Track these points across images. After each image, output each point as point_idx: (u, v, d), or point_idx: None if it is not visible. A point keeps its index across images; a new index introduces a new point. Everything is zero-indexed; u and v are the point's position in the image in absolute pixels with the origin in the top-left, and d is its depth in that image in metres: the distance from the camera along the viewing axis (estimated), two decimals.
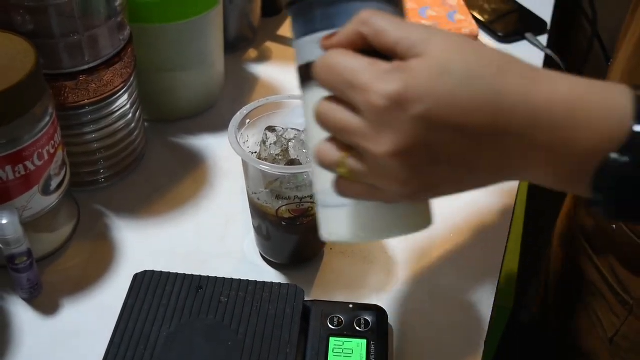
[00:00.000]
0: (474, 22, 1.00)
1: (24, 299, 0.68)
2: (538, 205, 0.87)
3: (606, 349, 0.76)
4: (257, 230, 0.69)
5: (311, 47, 0.47)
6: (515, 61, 0.42)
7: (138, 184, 0.80)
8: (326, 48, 0.45)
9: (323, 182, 0.49)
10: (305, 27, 0.48)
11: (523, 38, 1.03)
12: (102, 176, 0.78)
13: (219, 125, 0.87)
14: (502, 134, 0.40)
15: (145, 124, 0.85)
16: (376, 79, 0.41)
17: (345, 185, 0.46)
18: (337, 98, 0.44)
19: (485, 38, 1.03)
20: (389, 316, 0.64)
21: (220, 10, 0.84)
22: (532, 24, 1.04)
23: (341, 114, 0.43)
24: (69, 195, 0.72)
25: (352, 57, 0.44)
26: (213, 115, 0.89)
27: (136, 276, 0.65)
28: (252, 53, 0.99)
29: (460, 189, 0.45)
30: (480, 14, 1.05)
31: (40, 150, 0.64)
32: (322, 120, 0.45)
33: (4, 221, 0.61)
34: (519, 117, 0.40)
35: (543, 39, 1.03)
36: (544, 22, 1.05)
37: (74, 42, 0.68)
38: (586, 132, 0.40)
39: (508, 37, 1.02)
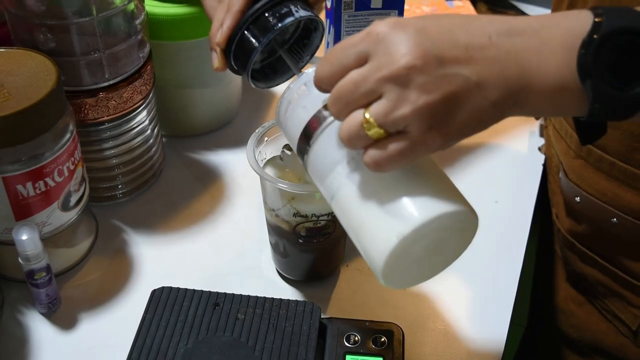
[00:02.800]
0: (472, 7, 1.00)
1: (43, 314, 0.68)
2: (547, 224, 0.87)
3: (632, 342, 0.76)
4: (274, 247, 0.69)
5: (304, 111, 0.51)
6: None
7: (156, 200, 0.80)
8: (320, 68, 0.48)
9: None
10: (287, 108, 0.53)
11: None
12: (120, 191, 0.79)
13: (236, 141, 0.88)
14: (485, 43, 0.44)
15: (164, 139, 0.86)
16: (370, 28, 0.45)
17: (375, 153, 0.45)
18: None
19: None
20: (405, 334, 0.64)
21: None
22: None
23: (353, 73, 0.45)
24: (87, 210, 0.72)
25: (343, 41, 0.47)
26: (230, 131, 0.89)
27: (154, 292, 0.65)
28: None
29: (479, 118, 0.45)
30: None
31: (60, 167, 0.64)
32: (337, 97, 0.46)
33: (24, 237, 0.62)
34: (494, 29, 0.44)
35: None
36: None
37: (94, 60, 0.69)
38: (554, 28, 0.44)
39: None
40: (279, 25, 0.55)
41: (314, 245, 0.67)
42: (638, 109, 0.44)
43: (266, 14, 0.55)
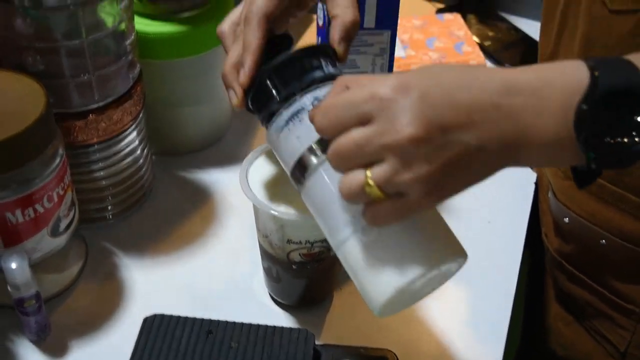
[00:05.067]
0: (481, 54, 1.00)
1: (32, 341, 0.67)
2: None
3: None
4: (267, 272, 0.68)
5: (298, 141, 0.51)
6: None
7: (146, 221, 0.79)
8: (314, 114, 0.48)
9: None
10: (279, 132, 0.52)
11: None
12: (110, 212, 0.77)
13: (227, 159, 0.87)
14: (486, 105, 0.44)
15: (153, 157, 0.84)
16: (373, 86, 0.45)
17: (373, 210, 0.47)
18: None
19: None
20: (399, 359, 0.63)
21: None
22: None
23: (355, 133, 0.45)
24: (77, 234, 0.71)
25: (343, 92, 0.47)
26: (221, 148, 0.88)
27: (146, 320, 0.64)
28: None
29: (476, 176, 0.46)
30: (487, 44, 1.05)
31: (50, 193, 0.63)
32: (339, 154, 0.46)
33: (13, 265, 0.60)
34: (495, 88, 0.44)
35: None
36: None
37: (84, 82, 0.67)
38: (553, 88, 0.44)
39: None
40: (305, 80, 0.52)
41: (307, 271, 0.66)
42: (635, 159, 0.44)
43: (297, 64, 0.52)
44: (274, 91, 0.52)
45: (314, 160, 0.50)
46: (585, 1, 0.66)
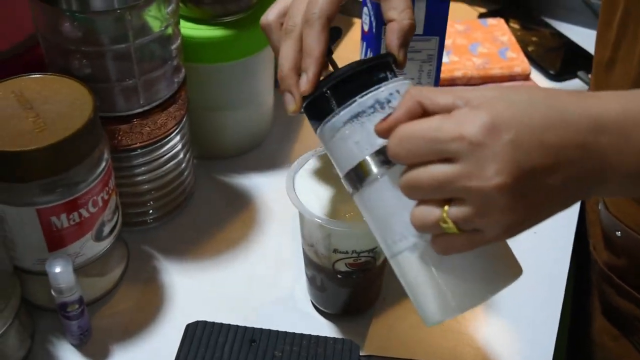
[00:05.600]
0: (525, 60, 0.98)
1: (74, 345, 0.66)
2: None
3: None
4: (311, 280, 0.67)
5: (357, 147, 0.49)
6: (552, 89, 0.47)
7: (186, 225, 0.79)
8: (386, 130, 0.46)
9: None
10: (335, 134, 0.50)
11: (575, 76, 1.00)
12: (151, 217, 0.77)
13: (267, 164, 0.86)
14: (573, 145, 0.43)
15: (194, 161, 0.84)
16: (461, 123, 0.43)
17: (445, 242, 0.46)
18: (418, 164, 0.45)
19: (536, 76, 1.00)
20: None
21: (270, 50, 0.83)
22: (584, 61, 1.01)
23: (435, 170, 0.44)
24: (119, 237, 0.71)
25: (423, 120, 0.45)
26: (261, 153, 0.88)
27: (188, 327, 0.63)
28: None
29: (553, 211, 0.45)
30: (529, 49, 1.03)
31: (95, 197, 0.63)
32: (415, 186, 0.45)
33: (57, 270, 0.60)
34: (583, 127, 0.43)
35: None
36: None
37: (129, 86, 0.67)
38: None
39: (560, 75, 1.00)
40: (367, 93, 0.49)
41: (353, 280, 0.65)
42: None
43: (361, 77, 0.50)
44: (333, 101, 0.50)
45: (374, 170, 0.48)
46: None
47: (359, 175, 0.49)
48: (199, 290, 0.72)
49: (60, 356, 0.66)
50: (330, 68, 0.55)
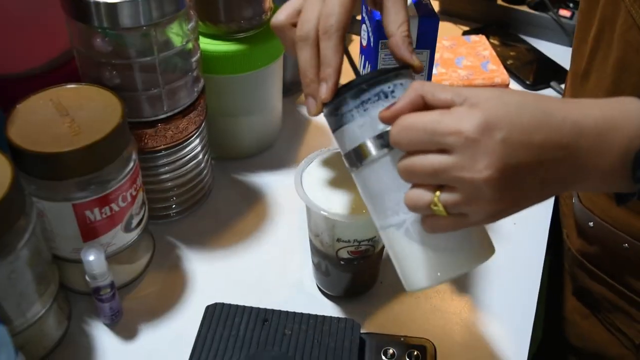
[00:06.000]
0: (505, 71, 0.96)
1: (106, 324, 0.65)
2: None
3: (634, 354, 0.72)
4: (316, 266, 0.66)
5: (360, 130, 0.47)
6: (539, 94, 0.46)
7: (206, 218, 0.77)
8: (389, 118, 0.45)
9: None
10: (342, 119, 0.49)
11: (548, 86, 0.99)
12: (174, 210, 0.76)
13: (277, 164, 0.85)
14: (557, 146, 0.42)
15: (213, 162, 0.83)
16: (459, 120, 0.42)
17: (433, 222, 0.45)
18: (416, 152, 0.44)
19: (514, 85, 0.99)
20: (437, 350, 0.60)
21: (281, 61, 0.82)
22: (555, 72, 1.00)
23: (432, 159, 0.43)
24: (145, 229, 0.70)
25: (424, 113, 0.44)
26: (272, 154, 0.86)
27: (208, 308, 0.62)
28: None
29: (533, 202, 0.45)
30: (508, 62, 1.02)
31: (124, 193, 0.62)
32: (411, 171, 0.44)
33: (91, 258, 0.59)
34: (567, 130, 0.42)
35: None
36: (565, 71, 1.01)
37: (154, 95, 0.66)
38: (617, 132, 0.43)
39: (535, 85, 0.98)
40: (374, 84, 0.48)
41: (354, 266, 0.63)
42: None
43: (377, 87, 0.47)
44: (351, 103, 0.48)
45: (373, 151, 0.47)
46: (620, 27, 0.62)
47: (359, 155, 0.48)
48: (217, 276, 0.71)
49: (94, 334, 0.65)
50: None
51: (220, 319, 0.61)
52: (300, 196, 0.59)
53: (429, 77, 0.74)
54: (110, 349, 0.63)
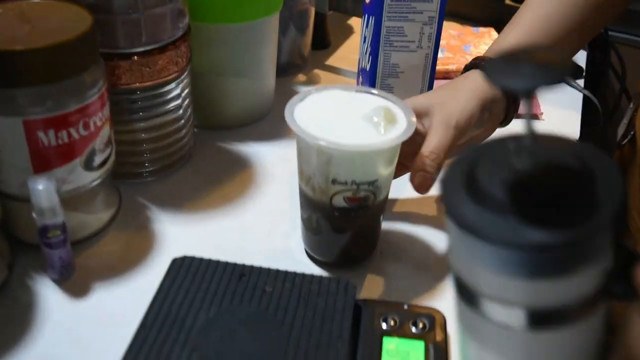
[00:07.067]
0: (496, 33, 0.89)
1: (54, 280, 0.55)
2: None
3: None
4: (306, 223, 0.56)
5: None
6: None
7: (183, 182, 0.68)
8: None
9: None
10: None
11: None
12: (147, 169, 0.66)
13: (269, 136, 0.76)
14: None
15: (195, 129, 0.74)
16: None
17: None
18: None
19: None
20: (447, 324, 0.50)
21: (276, 21, 0.74)
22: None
23: None
24: (111, 181, 0.60)
25: None
26: (263, 126, 0.77)
27: (175, 260, 0.52)
28: (302, 77, 0.89)
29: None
30: None
31: (86, 119, 0.52)
32: None
33: (40, 187, 0.49)
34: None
35: (580, 83, 0.92)
36: (580, 67, 0.94)
37: (132, 20, 0.58)
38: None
39: None
40: None
41: (350, 221, 0.54)
42: None
43: None
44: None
45: None
46: None
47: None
48: (191, 239, 0.61)
49: (38, 290, 0.54)
50: None
51: (189, 273, 0.51)
52: (290, 125, 0.50)
53: (439, 31, 0.66)
54: (55, 307, 0.53)
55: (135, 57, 0.59)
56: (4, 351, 0.49)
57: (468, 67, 0.61)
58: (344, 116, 0.53)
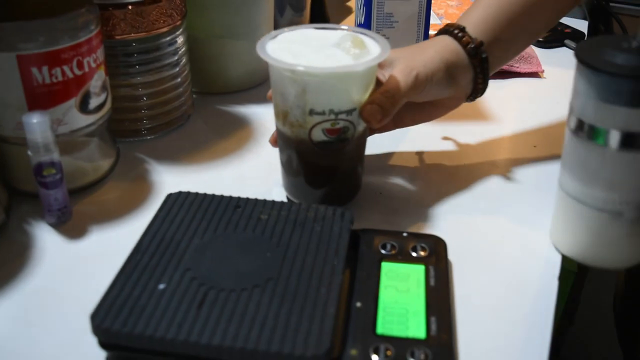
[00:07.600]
0: None
1: (51, 224, 0.54)
2: None
3: None
4: (286, 165, 0.55)
5: None
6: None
7: (182, 139, 0.68)
8: None
9: None
10: None
11: (562, 44, 0.91)
12: (145, 126, 0.66)
13: (267, 101, 0.75)
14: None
15: (194, 95, 0.74)
16: None
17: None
18: None
19: None
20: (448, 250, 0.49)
21: None
22: (570, 33, 0.93)
23: None
24: (109, 133, 0.60)
25: None
26: (262, 91, 0.77)
27: (170, 195, 0.52)
28: None
29: None
30: None
31: (80, 58, 0.53)
32: None
33: (34, 120, 0.49)
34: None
35: None
36: (581, 33, 0.93)
37: None
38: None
39: (549, 43, 0.91)
40: None
41: (332, 156, 0.52)
42: None
43: None
44: None
45: None
46: None
47: None
48: (189, 187, 0.59)
49: (35, 234, 0.54)
50: None
51: (184, 205, 0.51)
52: (261, 55, 0.50)
53: (427, 24, 0.67)
54: (52, 247, 0.52)
55: (130, 6, 0.59)
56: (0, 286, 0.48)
57: (440, 33, 0.60)
58: (316, 47, 0.52)
